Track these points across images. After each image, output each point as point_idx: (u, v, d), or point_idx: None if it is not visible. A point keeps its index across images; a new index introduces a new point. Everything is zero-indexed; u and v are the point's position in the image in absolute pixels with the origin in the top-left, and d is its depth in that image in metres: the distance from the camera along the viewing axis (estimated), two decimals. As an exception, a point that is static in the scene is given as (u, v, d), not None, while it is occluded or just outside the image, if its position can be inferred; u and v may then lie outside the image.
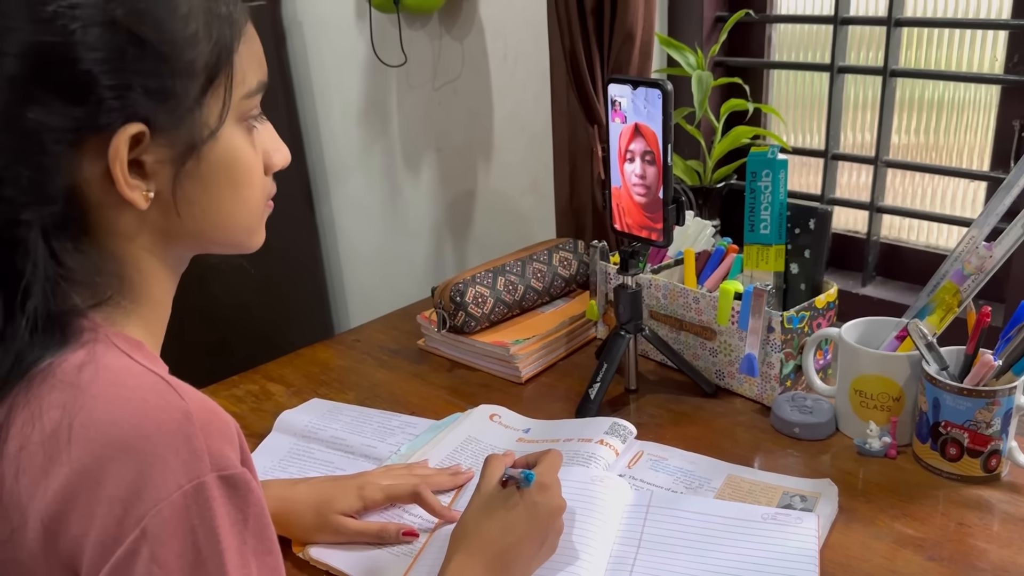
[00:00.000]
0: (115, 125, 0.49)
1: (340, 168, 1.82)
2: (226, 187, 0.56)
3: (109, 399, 0.47)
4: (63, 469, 0.46)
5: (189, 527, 0.46)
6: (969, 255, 0.89)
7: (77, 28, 0.47)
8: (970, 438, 0.84)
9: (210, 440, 0.47)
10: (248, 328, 1.63)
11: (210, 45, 0.52)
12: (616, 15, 1.15)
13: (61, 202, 0.50)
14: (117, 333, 0.52)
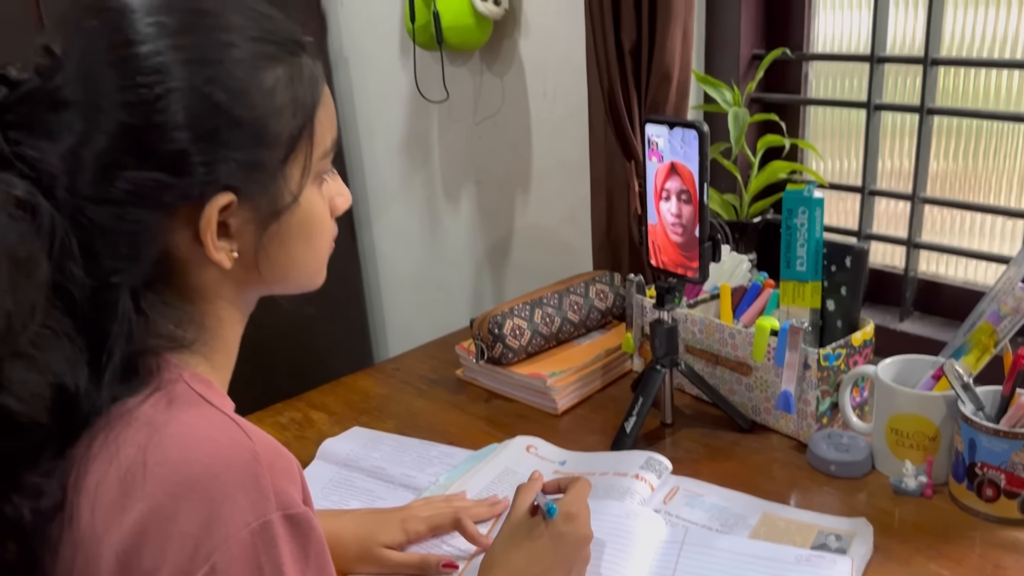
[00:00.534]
0: (207, 196, 0.53)
1: (382, 198, 1.87)
2: (302, 242, 0.60)
3: (182, 439, 0.50)
4: (138, 505, 0.49)
5: (256, 564, 0.48)
6: (1006, 296, 0.89)
7: (173, 108, 0.51)
8: (1007, 480, 0.84)
9: (276, 480, 0.50)
10: (292, 356, 1.68)
11: (293, 116, 0.56)
12: (653, 55, 1.17)
13: (151, 264, 0.54)
14: (191, 374, 0.55)
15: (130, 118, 0.51)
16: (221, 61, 0.53)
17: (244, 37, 0.54)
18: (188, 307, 0.57)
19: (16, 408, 0.48)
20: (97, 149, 0.51)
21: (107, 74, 0.51)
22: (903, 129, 1.25)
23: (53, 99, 0.51)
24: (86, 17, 0.53)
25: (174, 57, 0.51)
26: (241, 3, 0.56)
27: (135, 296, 0.53)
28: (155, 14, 0.52)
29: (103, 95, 0.51)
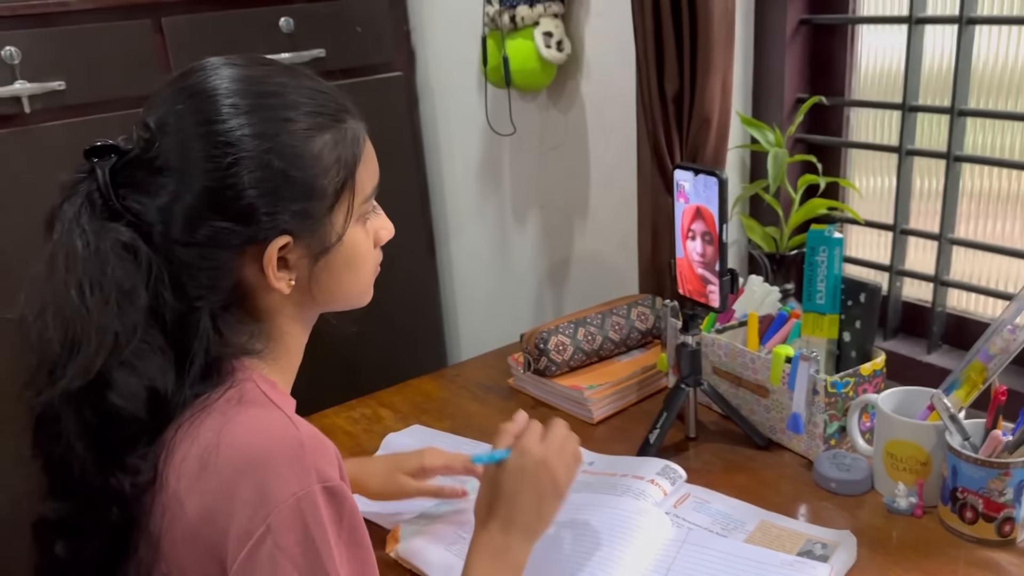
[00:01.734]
0: (269, 239, 0.68)
1: (459, 219, 2.03)
2: (347, 272, 0.75)
3: (247, 428, 0.65)
4: (212, 477, 0.63)
5: (303, 523, 0.62)
6: (996, 336, 0.98)
7: (243, 173, 0.66)
8: (984, 504, 0.93)
9: (316, 461, 0.64)
10: (374, 356, 1.86)
11: (338, 173, 0.71)
12: (694, 102, 1.29)
13: (226, 292, 0.69)
14: (260, 375, 0.71)
15: (210, 181, 0.66)
16: (279, 134, 0.68)
17: (299, 112, 0.69)
18: (258, 323, 0.72)
19: (121, 405, 0.64)
20: (185, 205, 0.66)
21: (194, 147, 0.66)
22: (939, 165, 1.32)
23: (153, 165, 0.67)
24: (179, 99, 0.68)
25: (243, 133, 0.66)
26: (300, 83, 0.71)
27: (213, 317, 0.68)
28: (231, 96, 0.67)
29: (190, 163, 0.66)
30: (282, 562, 0.61)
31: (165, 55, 1.58)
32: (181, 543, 0.65)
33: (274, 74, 0.71)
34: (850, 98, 1.41)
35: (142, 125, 0.69)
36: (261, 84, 0.69)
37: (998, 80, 1.23)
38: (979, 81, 1.24)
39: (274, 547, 0.61)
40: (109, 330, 0.64)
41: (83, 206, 0.66)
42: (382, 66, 1.87)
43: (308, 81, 0.72)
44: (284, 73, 0.71)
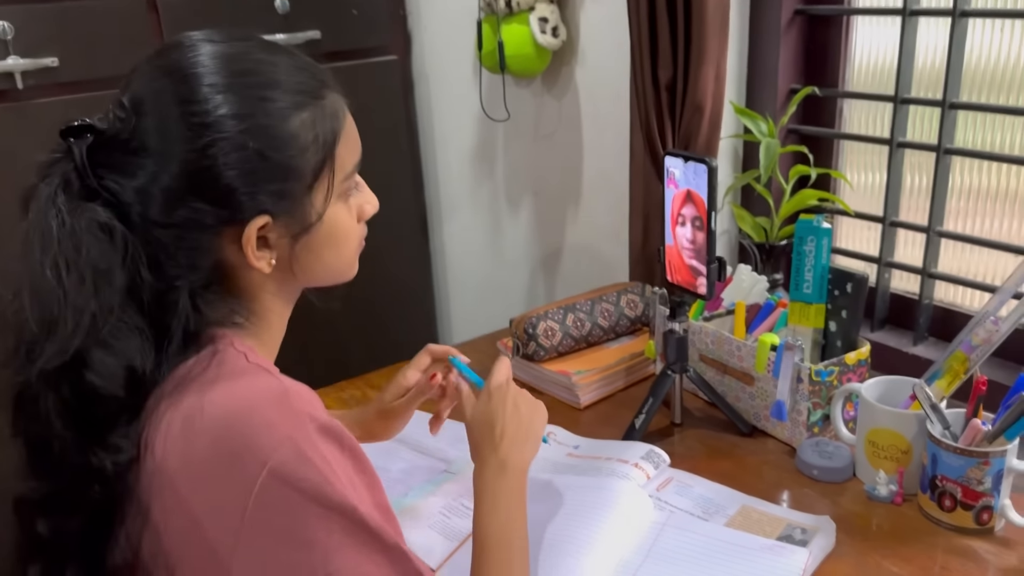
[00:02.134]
0: (247, 218, 0.68)
1: (452, 204, 2.04)
2: (328, 249, 0.75)
3: (230, 386, 0.66)
4: (200, 437, 0.64)
5: (304, 459, 0.62)
6: (979, 327, 0.98)
7: (220, 154, 0.66)
8: (962, 492, 0.94)
9: (304, 405, 0.65)
10: (365, 339, 1.87)
11: (316, 150, 0.71)
12: (687, 90, 1.29)
13: (206, 271, 0.70)
14: (240, 342, 0.71)
15: (187, 163, 0.66)
16: (255, 114, 0.67)
17: (277, 91, 0.69)
18: (239, 300, 0.73)
19: (98, 384, 0.64)
20: (163, 186, 0.66)
21: (171, 128, 0.66)
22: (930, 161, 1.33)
23: (130, 146, 0.66)
24: (156, 78, 0.68)
25: (220, 114, 0.66)
26: (278, 59, 0.71)
27: (193, 295, 0.68)
28: (208, 76, 0.67)
29: (168, 144, 0.66)
30: (294, 499, 0.62)
31: (160, 33, 1.58)
32: (172, 510, 0.65)
33: (252, 51, 0.70)
34: (843, 89, 1.41)
35: (119, 104, 0.68)
36: (239, 62, 0.69)
37: (990, 76, 1.23)
38: (971, 76, 1.25)
39: (281, 487, 0.62)
40: (86, 310, 0.64)
41: (59, 186, 0.66)
42: (377, 49, 1.87)
43: (287, 57, 0.72)
44: (263, 49, 0.71)
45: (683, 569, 0.90)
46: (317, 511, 0.62)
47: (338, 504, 0.63)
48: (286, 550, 0.62)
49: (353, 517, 0.63)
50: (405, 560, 0.65)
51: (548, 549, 0.90)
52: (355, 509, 0.63)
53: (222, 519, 0.63)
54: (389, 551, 0.64)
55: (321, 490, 0.62)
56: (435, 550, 0.96)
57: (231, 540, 0.62)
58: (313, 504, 0.62)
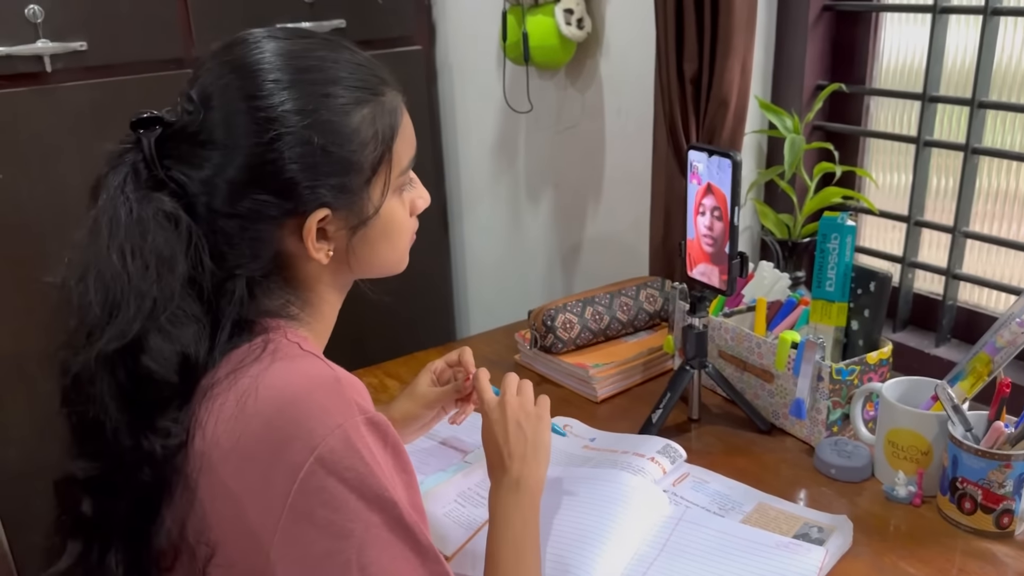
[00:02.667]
0: (308, 211, 0.70)
1: (473, 194, 2.04)
2: (383, 242, 0.77)
3: (284, 371, 0.67)
4: (253, 419, 0.64)
5: (352, 450, 0.63)
6: (1004, 329, 0.97)
7: (285, 148, 0.68)
8: (983, 495, 0.93)
9: (355, 396, 0.66)
10: (384, 328, 1.87)
11: (375, 146, 0.72)
12: (712, 84, 1.28)
13: (266, 261, 0.71)
14: (292, 332, 0.73)
15: (252, 156, 0.68)
16: (319, 110, 0.69)
17: (339, 87, 0.71)
18: (297, 290, 0.74)
19: (153, 368, 0.65)
20: (228, 178, 0.68)
21: (237, 122, 0.68)
22: (956, 163, 1.31)
23: (197, 139, 0.69)
24: (223, 73, 0.69)
25: (285, 109, 0.68)
26: (339, 56, 0.72)
27: (251, 284, 0.70)
28: (273, 72, 0.69)
29: (234, 137, 0.68)
30: (336, 488, 0.62)
31: (187, 20, 1.59)
32: (218, 490, 0.66)
33: (314, 47, 0.72)
34: (871, 87, 1.39)
35: (187, 97, 0.70)
36: (302, 59, 0.70)
37: (1022, 76, 1.22)
38: (1001, 76, 1.23)
39: (326, 476, 0.62)
40: (148, 296, 0.65)
41: (128, 175, 0.68)
42: (402, 39, 1.87)
43: (347, 54, 0.73)
44: (324, 46, 0.72)
45: (698, 564, 0.89)
46: (358, 503, 0.63)
47: (379, 497, 0.63)
48: (323, 538, 0.62)
49: (392, 512, 0.64)
50: (437, 561, 0.66)
51: (561, 541, 0.90)
52: (395, 504, 0.64)
53: (265, 501, 0.64)
54: (423, 550, 0.65)
55: (365, 482, 0.63)
56: (449, 538, 0.96)
57: (272, 523, 0.63)
58: (355, 495, 0.63)
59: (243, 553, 0.65)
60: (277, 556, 0.63)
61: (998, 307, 1.32)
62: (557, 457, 1.10)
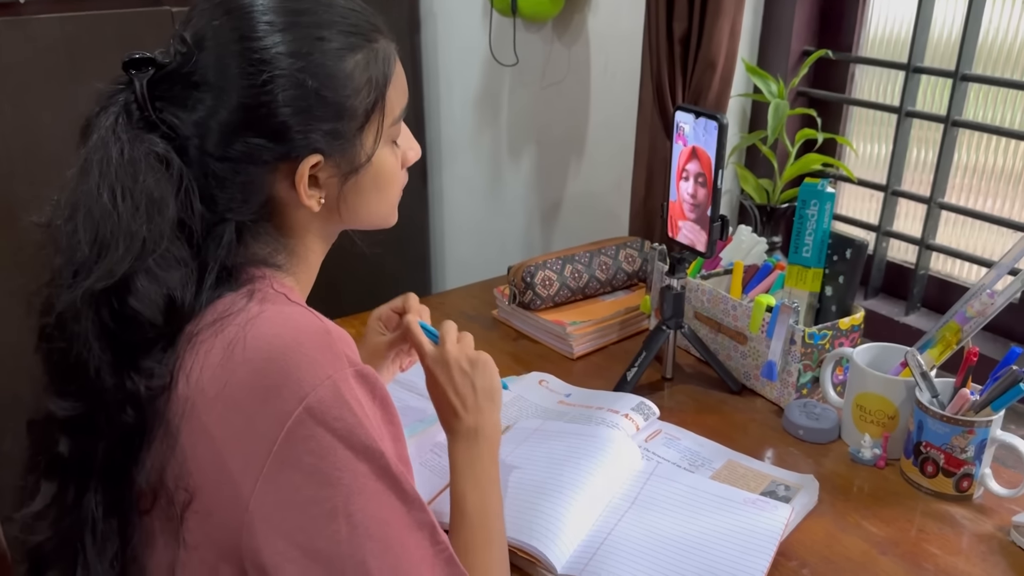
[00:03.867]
0: (301, 156, 0.69)
1: (453, 148, 2.02)
2: (374, 192, 0.76)
3: (273, 321, 0.67)
4: (240, 368, 0.64)
5: (341, 401, 0.63)
6: (975, 299, 0.99)
7: (278, 91, 0.67)
8: (945, 459, 0.96)
9: (344, 347, 0.66)
10: (360, 280, 1.86)
11: (368, 94, 0.72)
12: (701, 44, 1.28)
13: (258, 206, 0.71)
14: (278, 282, 0.72)
15: (245, 98, 0.67)
16: (312, 53, 0.68)
17: (332, 31, 0.70)
18: (284, 238, 0.74)
19: (139, 309, 0.65)
20: (220, 120, 0.67)
21: (230, 63, 0.67)
22: (936, 135, 1.33)
23: (190, 80, 0.68)
24: (216, 14, 0.68)
25: (278, 51, 0.67)
26: (332, 2, 0.71)
27: (240, 230, 0.70)
28: (267, 13, 0.68)
29: (227, 79, 0.67)
30: (325, 438, 0.63)
31: (164, -46, 1.55)
32: (200, 435, 0.65)
33: None
34: (857, 55, 1.40)
35: (179, 39, 0.69)
36: (295, 2, 0.70)
37: (1005, 52, 1.23)
38: (987, 51, 1.24)
39: (315, 425, 0.62)
40: (137, 236, 0.65)
41: (120, 116, 0.67)
42: (386, -15, 1.83)
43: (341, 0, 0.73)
44: None
45: (668, 517, 0.92)
46: (345, 452, 0.63)
47: (367, 448, 0.64)
48: (310, 486, 0.63)
49: (380, 463, 0.64)
50: (422, 510, 0.67)
51: (535, 492, 0.91)
52: (383, 455, 0.64)
53: (249, 448, 0.64)
54: (408, 499, 0.66)
55: (353, 432, 0.63)
56: (425, 487, 0.98)
57: (255, 470, 0.63)
58: (343, 445, 0.63)
59: (221, 501, 0.65)
60: (257, 504, 0.63)
61: (969, 278, 1.35)
62: (533, 411, 1.12)
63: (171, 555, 0.67)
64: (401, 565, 0.63)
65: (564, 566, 0.85)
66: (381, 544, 0.63)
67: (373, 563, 0.62)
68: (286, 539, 0.62)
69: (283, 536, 0.62)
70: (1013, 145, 1.25)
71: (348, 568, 0.62)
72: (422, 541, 0.66)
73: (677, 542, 0.88)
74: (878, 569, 0.87)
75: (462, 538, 0.78)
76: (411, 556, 0.64)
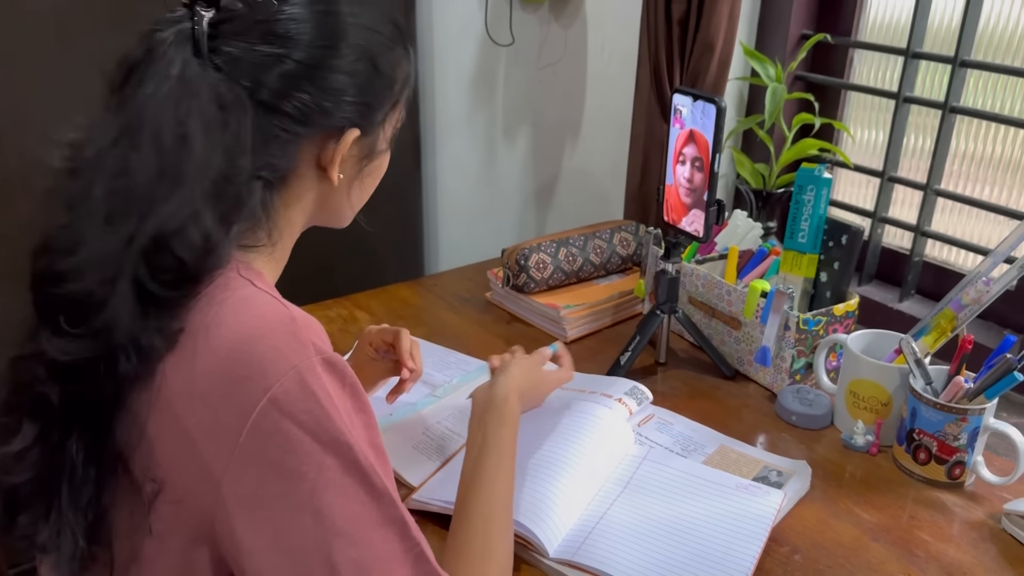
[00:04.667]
0: (345, 128, 0.70)
1: (447, 129, 1.99)
2: (369, 184, 0.78)
3: (237, 310, 0.64)
4: (203, 358, 0.62)
5: (307, 391, 0.62)
6: (970, 287, 0.99)
7: (347, 59, 0.68)
8: (938, 447, 0.96)
9: (311, 335, 0.64)
10: (351, 261, 1.85)
11: (401, 87, 0.74)
12: (700, 26, 1.27)
13: (284, 171, 0.69)
14: (245, 266, 0.69)
15: (313, 56, 0.67)
16: (381, 33, 0.71)
17: (385, 25, 0.72)
18: (277, 211, 0.72)
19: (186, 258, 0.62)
20: (283, 71, 0.66)
21: (308, 25, 0.67)
22: (934, 123, 1.32)
23: (266, 29, 0.66)
24: None
25: (352, 21, 0.69)
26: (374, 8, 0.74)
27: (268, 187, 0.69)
28: None
29: (299, 35, 0.67)
30: (291, 430, 0.61)
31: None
32: (171, 423, 0.63)
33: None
34: (856, 39, 1.39)
35: None
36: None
37: (1007, 40, 1.22)
38: (987, 38, 1.23)
39: (280, 418, 0.61)
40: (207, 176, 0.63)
41: (181, 48, 0.65)
42: (381, -39, 1.81)
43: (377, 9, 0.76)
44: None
45: (660, 501, 0.91)
46: (312, 445, 0.62)
47: (334, 440, 0.62)
48: (275, 480, 0.61)
49: (348, 456, 0.63)
50: (392, 505, 0.65)
51: (529, 472, 0.91)
52: (351, 447, 0.63)
53: (216, 441, 0.62)
54: (378, 494, 0.64)
55: (320, 424, 0.62)
56: (417, 469, 0.97)
57: (223, 463, 0.61)
58: (309, 437, 0.62)
59: (192, 490, 0.63)
60: (227, 494, 0.62)
61: (964, 265, 1.35)
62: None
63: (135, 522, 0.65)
64: (367, 561, 0.62)
65: (556, 550, 0.85)
66: (348, 539, 0.61)
67: (339, 558, 0.61)
68: (254, 531, 0.61)
69: (251, 528, 0.61)
70: (1012, 133, 1.24)
71: (315, 563, 0.61)
72: (390, 537, 0.64)
73: (669, 527, 0.87)
74: (869, 555, 0.87)
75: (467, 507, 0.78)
76: (378, 552, 0.62)
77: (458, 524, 0.77)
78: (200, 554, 0.65)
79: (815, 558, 0.87)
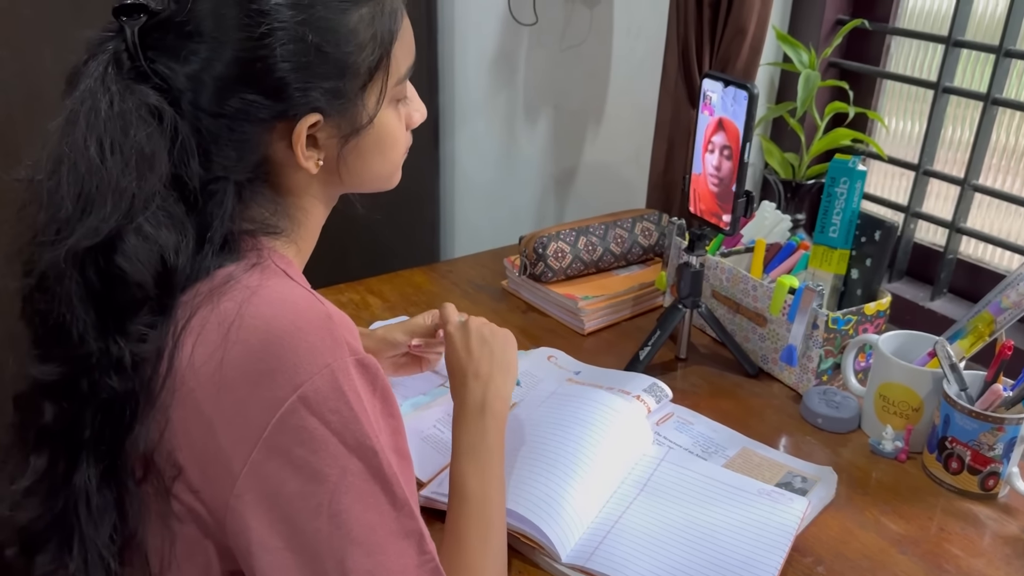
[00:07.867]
0: (299, 115, 0.65)
1: (468, 109, 1.96)
2: (376, 154, 0.72)
3: (272, 300, 0.63)
4: (235, 347, 0.61)
5: (338, 392, 0.60)
6: (1010, 289, 0.94)
7: (277, 44, 0.62)
8: (972, 456, 0.91)
9: (345, 334, 0.62)
10: (365, 244, 1.82)
11: (372, 51, 0.67)
12: (732, 9, 1.21)
13: (253, 166, 0.66)
14: (278, 254, 0.68)
15: (242, 51, 0.62)
16: (314, 5, 0.64)
17: None
18: (282, 201, 0.70)
19: (126, 268, 0.61)
20: (215, 74, 0.63)
21: (227, 13, 0.62)
22: (973, 116, 1.26)
23: (184, 30, 0.63)
24: None
25: (278, 2, 0.62)
26: None
27: (238, 188, 0.66)
28: None
29: (223, 30, 0.62)
30: (317, 429, 0.60)
31: None
32: (193, 409, 0.62)
33: None
34: (894, 26, 1.33)
35: None
36: None
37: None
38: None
39: (307, 415, 0.59)
40: (126, 192, 0.61)
41: (109, 65, 0.63)
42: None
43: None
44: None
45: (678, 506, 0.88)
46: (338, 447, 0.60)
47: (360, 444, 0.60)
48: (296, 478, 0.59)
49: (372, 461, 0.61)
50: (411, 517, 0.63)
51: (544, 467, 0.87)
52: (376, 453, 0.61)
53: (239, 432, 0.60)
54: (399, 504, 0.62)
55: (348, 426, 0.60)
56: (427, 462, 0.94)
57: (244, 455, 0.60)
58: (335, 439, 0.60)
59: (210, 480, 0.62)
60: (244, 488, 0.60)
61: (1000, 264, 1.29)
62: (541, 389, 1.08)
63: (165, 530, 0.64)
64: (380, 573, 0.60)
65: (568, 555, 0.81)
66: (363, 548, 0.60)
67: (352, 566, 0.59)
68: (269, 528, 0.59)
69: (266, 524, 0.59)
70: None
71: (328, 567, 0.59)
72: (407, 550, 0.62)
73: (687, 533, 0.84)
74: (896, 568, 0.83)
75: (459, 523, 0.74)
76: (393, 565, 0.60)
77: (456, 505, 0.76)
78: (212, 548, 0.64)
79: (839, 570, 0.83)
